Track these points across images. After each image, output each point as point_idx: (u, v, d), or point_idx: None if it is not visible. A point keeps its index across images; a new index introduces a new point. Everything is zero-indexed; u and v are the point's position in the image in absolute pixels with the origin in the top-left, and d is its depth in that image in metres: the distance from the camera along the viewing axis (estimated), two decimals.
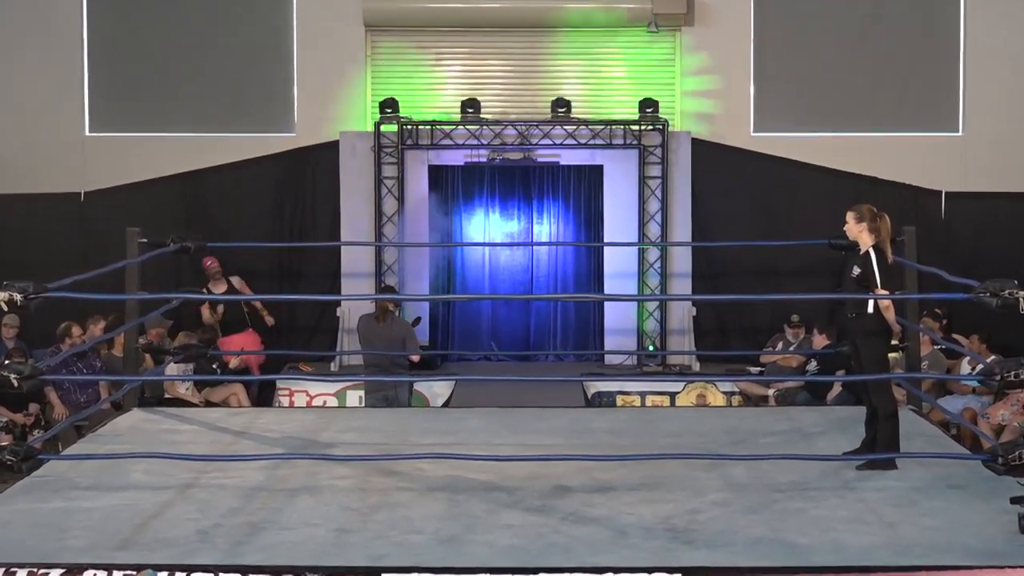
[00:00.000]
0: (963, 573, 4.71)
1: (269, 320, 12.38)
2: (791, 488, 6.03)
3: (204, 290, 12.11)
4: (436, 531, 5.32)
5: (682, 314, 13.17)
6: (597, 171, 13.46)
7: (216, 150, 13.44)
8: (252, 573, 4.80)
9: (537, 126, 13.12)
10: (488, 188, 13.86)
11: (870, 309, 6.47)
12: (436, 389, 11.90)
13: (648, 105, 12.87)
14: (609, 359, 13.26)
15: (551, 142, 13.16)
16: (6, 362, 6.13)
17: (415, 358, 9.68)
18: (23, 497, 5.88)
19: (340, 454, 6.76)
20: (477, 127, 13.07)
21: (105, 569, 4.76)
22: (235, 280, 12.40)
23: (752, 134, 13.61)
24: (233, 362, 11.48)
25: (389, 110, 12.94)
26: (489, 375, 12.62)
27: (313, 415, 8.70)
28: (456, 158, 13.23)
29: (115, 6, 13.74)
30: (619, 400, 12.10)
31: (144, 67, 13.69)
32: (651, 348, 12.96)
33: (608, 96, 13.73)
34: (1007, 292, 5.62)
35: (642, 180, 13.11)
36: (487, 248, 13.84)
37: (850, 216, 6.65)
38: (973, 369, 9.89)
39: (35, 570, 4.72)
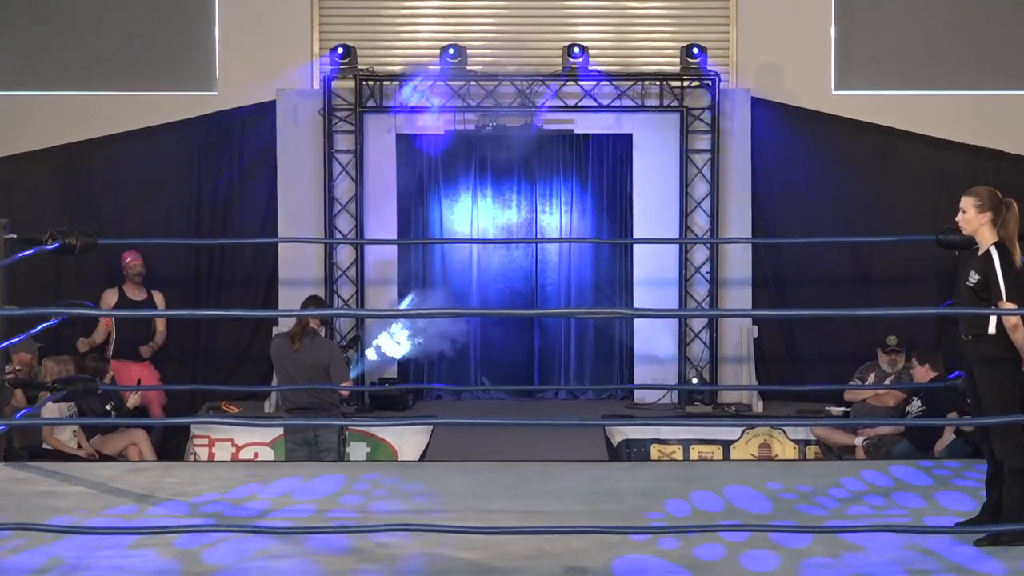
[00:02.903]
0: None
1: (154, 343, 12.45)
2: (886, 570, 6.03)
3: (116, 292, 12.22)
4: None
5: (739, 335, 13.18)
6: (624, 142, 13.48)
7: (109, 113, 13.43)
8: None
9: (543, 82, 13.14)
10: (478, 165, 13.87)
11: (991, 329, 6.47)
12: (408, 436, 11.89)
13: (693, 53, 12.89)
14: (640, 396, 13.26)
15: (562, 103, 13.18)
16: None
17: (345, 392, 9.87)
18: None
19: (277, 524, 6.75)
20: (462, 83, 13.08)
21: None
22: (157, 296, 12.47)
23: (833, 92, 13.62)
24: (132, 399, 11.49)
25: (344, 60, 12.96)
26: (478, 418, 12.61)
27: (241, 471, 8.70)
28: (434, 124, 13.23)
29: None
30: (654, 451, 12.10)
31: (9, 2, 13.70)
32: (696, 381, 12.95)
33: (639, 41, 13.75)
34: None
35: (685, 154, 13.13)
36: (476, 246, 13.84)
37: (968, 203, 6.66)
38: None
39: None
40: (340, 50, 12.95)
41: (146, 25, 13.68)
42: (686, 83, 13.11)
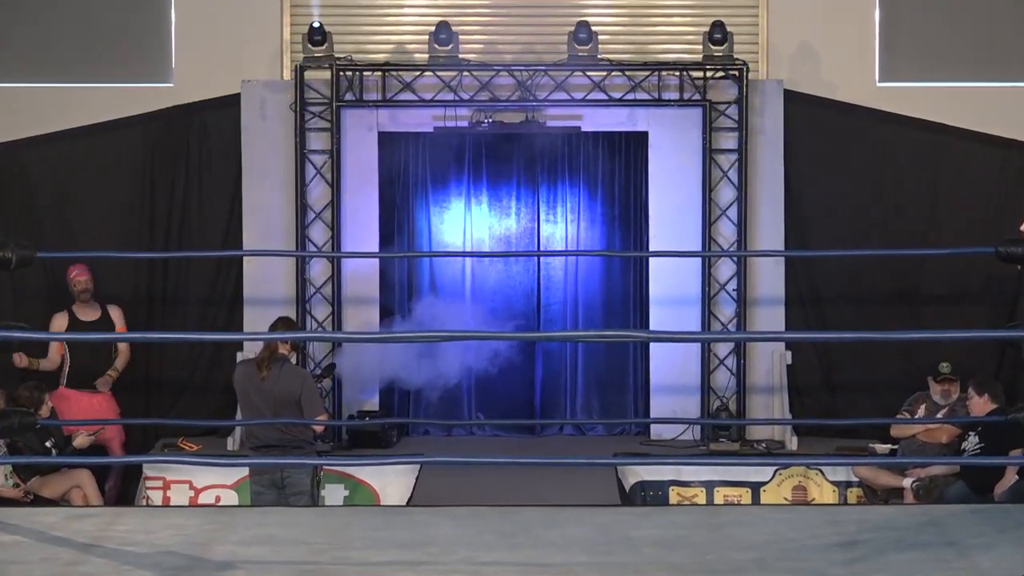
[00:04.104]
0: None
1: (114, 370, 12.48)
2: None
3: (66, 315, 12.24)
4: None
5: (770, 361, 13.19)
6: (639, 141, 13.51)
7: (50, 108, 13.46)
8: None
9: (546, 72, 13.16)
10: (471, 168, 13.89)
11: None
12: (391, 478, 11.90)
13: (718, 39, 12.91)
14: (657, 431, 13.27)
15: (568, 97, 13.21)
16: None
17: (319, 426, 9.91)
18: None
19: None
20: (454, 74, 13.10)
21: None
22: (114, 311, 12.46)
23: (877, 84, 13.65)
24: (80, 438, 11.48)
25: (317, 47, 12.97)
26: (472, 456, 12.61)
27: (200, 517, 8.68)
28: (421, 121, 13.26)
29: None
30: (673, 494, 12.10)
31: None
32: (722, 414, 12.96)
33: (656, 26, 13.78)
34: None
35: (708, 155, 13.15)
36: (470, 260, 13.86)
37: None
38: None
39: None
40: (314, 36, 12.96)
41: (91, 6, 13.69)
42: (709, 74, 13.14)
